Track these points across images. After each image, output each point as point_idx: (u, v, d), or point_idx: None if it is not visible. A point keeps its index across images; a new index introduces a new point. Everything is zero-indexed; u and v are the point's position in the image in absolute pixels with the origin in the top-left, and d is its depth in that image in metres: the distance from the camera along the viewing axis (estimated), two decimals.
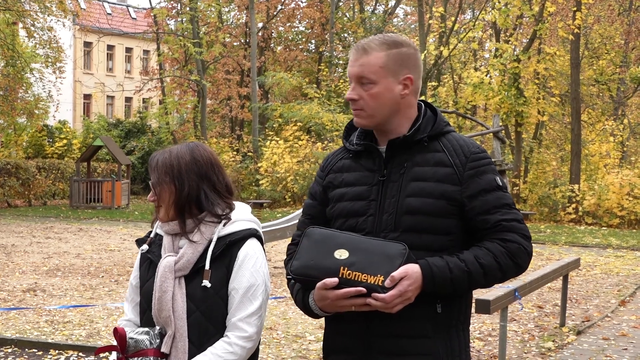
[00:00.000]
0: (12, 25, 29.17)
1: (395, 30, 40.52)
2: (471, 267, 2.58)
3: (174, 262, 2.77)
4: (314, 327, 8.67)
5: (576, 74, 25.45)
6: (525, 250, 2.64)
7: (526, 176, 27.14)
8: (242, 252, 2.77)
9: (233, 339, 2.71)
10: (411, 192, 2.66)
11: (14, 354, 7.53)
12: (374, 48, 2.71)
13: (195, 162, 2.81)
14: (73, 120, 45.39)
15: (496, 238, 2.62)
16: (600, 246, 18.06)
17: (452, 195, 2.65)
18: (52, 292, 10.92)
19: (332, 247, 2.60)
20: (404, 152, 2.72)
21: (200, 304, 2.74)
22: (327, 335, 2.83)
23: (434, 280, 2.55)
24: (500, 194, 2.67)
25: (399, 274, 2.51)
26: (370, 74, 2.69)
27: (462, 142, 2.73)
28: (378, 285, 2.51)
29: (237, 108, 36.31)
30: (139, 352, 2.72)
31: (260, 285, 2.76)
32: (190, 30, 33.33)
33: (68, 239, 17.88)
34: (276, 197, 28.04)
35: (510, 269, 2.63)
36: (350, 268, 2.55)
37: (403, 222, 2.65)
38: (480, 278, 2.59)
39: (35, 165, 29.76)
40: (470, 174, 2.66)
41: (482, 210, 2.64)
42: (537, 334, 8.70)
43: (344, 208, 2.75)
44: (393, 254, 2.55)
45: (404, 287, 2.51)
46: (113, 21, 41.36)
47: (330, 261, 2.58)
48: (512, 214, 2.66)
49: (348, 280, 2.54)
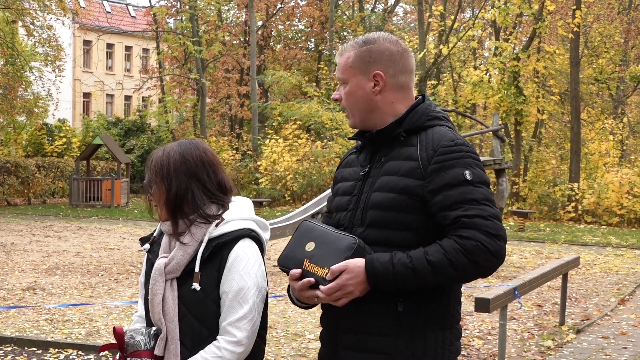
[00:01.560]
0: (11, 24, 29.17)
1: (395, 29, 40.54)
2: (416, 263, 2.50)
3: (164, 265, 2.75)
4: (313, 325, 8.67)
5: (576, 73, 25.45)
6: (485, 248, 2.47)
7: (526, 175, 27.15)
8: (232, 254, 2.72)
9: (222, 344, 2.68)
10: (378, 187, 2.67)
11: (13, 352, 7.52)
12: (346, 49, 2.79)
13: (185, 161, 2.77)
14: (72, 119, 45.38)
15: (454, 235, 2.51)
16: (600, 245, 18.07)
17: (413, 190, 2.59)
18: (51, 290, 10.92)
19: (306, 239, 2.68)
20: (384, 147, 2.73)
21: (192, 307, 2.71)
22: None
23: (375, 275, 2.52)
24: (467, 189, 2.54)
25: (338, 267, 2.53)
26: (343, 74, 2.77)
27: (437, 136, 2.65)
28: (323, 277, 2.56)
29: (237, 106, 36.31)
30: (135, 352, 2.72)
31: (250, 288, 2.70)
32: (190, 28, 33.31)
33: (67, 237, 17.88)
34: (276, 195, 28.03)
35: (466, 267, 2.49)
36: (311, 260, 2.62)
37: (368, 216, 2.66)
38: (427, 275, 2.49)
39: (35, 163, 29.74)
40: (434, 167, 2.58)
41: (443, 206, 2.55)
42: (536, 333, 8.71)
43: (336, 202, 2.83)
44: (342, 248, 2.58)
45: (343, 280, 2.53)
46: (112, 19, 41.31)
47: (300, 253, 2.67)
48: (476, 210, 2.51)
49: (307, 272, 2.61)
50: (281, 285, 11.38)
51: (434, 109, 2.76)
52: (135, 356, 2.71)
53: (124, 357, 2.73)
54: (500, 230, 2.52)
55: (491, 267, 2.53)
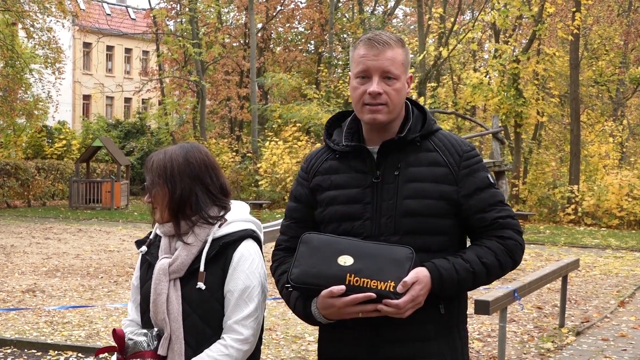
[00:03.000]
0: (11, 26, 29.17)
1: (395, 31, 40.53)
2: (476, 267, 2.60)
3: (168, 265, 2.76)
4: (313, 328, 8.62)
5: (575, 75, 25.45)
6: (521, 246, 2.70)
7: (525, 177, 27.14)
8: (237, 253, 2.75)
9: (229, 342, 2.70)
10: (409, 194, 2.64)
11: (13, 354, 7.52)
12: (396, 43, 2.69)
13: (189, 164, 2.79)
14: (72, 121, 45.36)
15: (494, 236, 2.65)
16: (600, 247, 18.06)
17: (449, 196, 2.65)
18: (51, 292, 10.92)
19: (335, 253, 2.56)
20: (397, 153, 2.70)
21: (197, 306, 2.73)
22: (324, 343, 2.79)
23: (442, 283, 2.56)
24: (494, 191, 2.70)
25: (410, 279, 2.50)
26: (396, 69, 2.67)
27: (453, 141, 2.73)
28: (389, 291, 2.49)
29: (237, 109, 36.30)
30: (136, 353, 2.71)
31: (255, 287, 2.74)
32: (190, 31, 33.32)
33: (67, 239, 17.87)
34: (275, 197, 28.03)
35: (508, 266, 2.68)
36: (358, 274, 2.51)
37: (403, 224, 2.63)
38: (483, 277, 2.63)
39: (35, 165, 29.74)
40: (465, 172, 2.67)
41: (478, 209, 2.66)
42: (536, 335, 8.70)
43: (337, 211, 2.71)
44: (401, 259, 2.53)
45: (416, 291, 2.51)
46: (112, 22, 41.38)
47: (335, 268, 2.53)
48: (505, 211, 2.69)
49: (355, 287, 2.50)
50: None
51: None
52: (137, 357, 2.71)
53: (123, 359, 2.72)
54: (521, 227, 2.74)
55: (520, 262, 2.74)
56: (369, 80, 2.66)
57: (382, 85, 2.65)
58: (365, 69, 2.67)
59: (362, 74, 2.67)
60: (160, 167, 2.80)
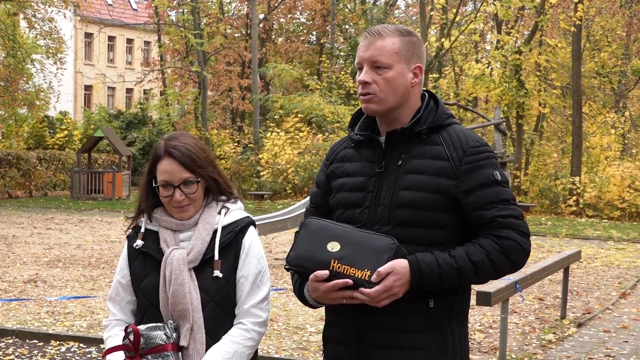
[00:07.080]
0: (13, 16, 29.15)
1: (397, 22, 40.45)
2: (461, 263, 2.56)
3: (187, 254, 2.76)
4: (314, 318, 8.68)
5: (577, 66, 25.40)
6: (521, 247, 2.60)
7: (527, 168, 27.11)
8: (246, 239, 2.81)
9: (249, 326, 2.75)
10: (406, 185, 2.64)
11: (15, 344, 7.54)
12: (388, 33, 2.69)
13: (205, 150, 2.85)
14: (74, 111, 45.35)
15: (491, 234, 2.60)
16: (601, 239, 18.06)
17: (446, 190, 2.62)
18: (52, 283, 10.93)
19: (326, 239, 2.60)
20: (402, 144, 2.69)
21: (214, 294, 2.76)
22: (326, 325, 2.84)
23: (421, 276, 2.54)
24: (498, 189, 2.63)
25: (385, 269, 2.51)
26: (385, 58, 2.66)
27: (462, 136, 2.69)
28: (364, 279, 2.51)
29: (238, 99, 36.26)
30: (156, 347, 2.67)
31: (266, 272, 2.83)
32: (192, 21, 33.23)
33: (69, 230, 17.89)
34: (277, 188, 28.03)
35: (504, 266, 2.61)
36: (341, 261, 2.55)
37: (396, 215, 2.63)
38: (471, 274, 2.58)
39: (36, 156, 29.76)
40: (466, 168, 2.63)
41: (477, 206, 2.61)
42: (537, 326, 8.71)
43: (343, 198, 2.75)
44: (381, 248, 2.54)
45: (390, 282, 2.51)
46: (114, 12, 41.25)
47: (322, 253, 2.58)
48: (509, 210, 2.61)
49: (338, 273, 2.54)
50: (282, 279, 11.39)
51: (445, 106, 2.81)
52: (158, 351, 2.67)
53: (139, 356, 2.68)
54: (528, 229, 2.65)
55: (522, 264, 2.66)
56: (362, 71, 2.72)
57: (372, 74, 2.67)
58: (358, 61, 2.72)
59: (358, 65, 2.73)
60: (199, 157, 2.80)
